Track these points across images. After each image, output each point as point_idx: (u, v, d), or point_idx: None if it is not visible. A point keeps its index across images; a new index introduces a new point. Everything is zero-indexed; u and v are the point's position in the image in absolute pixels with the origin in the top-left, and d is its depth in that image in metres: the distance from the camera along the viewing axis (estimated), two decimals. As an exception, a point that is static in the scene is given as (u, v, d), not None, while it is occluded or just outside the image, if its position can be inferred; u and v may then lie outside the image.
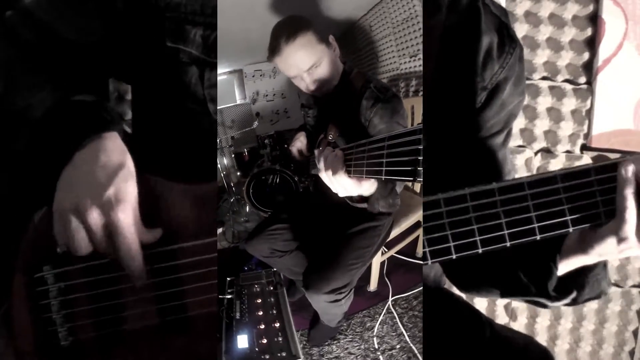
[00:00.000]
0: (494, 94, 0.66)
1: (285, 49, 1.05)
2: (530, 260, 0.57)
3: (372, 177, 0.58)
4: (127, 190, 0.51)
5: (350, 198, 0.80)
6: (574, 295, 0.56)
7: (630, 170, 0.46)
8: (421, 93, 2.17)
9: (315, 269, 1.27)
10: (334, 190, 0.74)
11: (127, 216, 0.50)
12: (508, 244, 0.46)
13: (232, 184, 2.99)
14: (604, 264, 0.55)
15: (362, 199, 0.78)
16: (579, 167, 0.46)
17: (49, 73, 0.61)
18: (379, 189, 0.75)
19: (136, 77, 0.71)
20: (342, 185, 0.70)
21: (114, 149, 0.53)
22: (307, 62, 1.06)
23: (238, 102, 4.26)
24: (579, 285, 0.55)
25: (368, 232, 1.26)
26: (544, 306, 0.59)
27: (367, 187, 0.72)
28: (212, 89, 0.66)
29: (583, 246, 0.51)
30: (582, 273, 0.55)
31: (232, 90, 4.22)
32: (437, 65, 0.65)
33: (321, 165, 0.74)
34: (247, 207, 2.80)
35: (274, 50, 1.08)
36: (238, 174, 3.40)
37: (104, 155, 0.52)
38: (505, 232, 0.46)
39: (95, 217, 0.49)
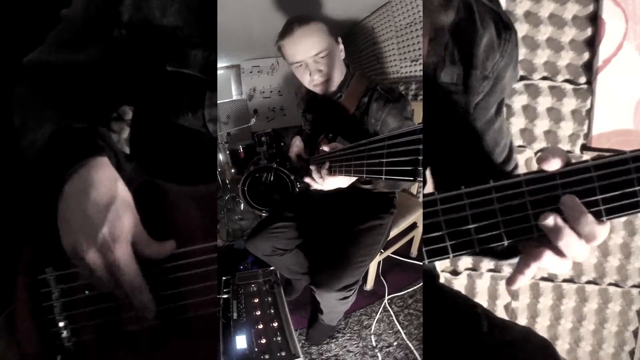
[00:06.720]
0: (496, 81, 0.67)
1: (298, 30, 1.08)
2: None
3: (372, 177, 0.58)
4: (121, 226, 0.51)
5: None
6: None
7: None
8: (421, 97, 2.17)
9: (324, 267, 1.28)
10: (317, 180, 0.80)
11: (124, 253, 0.51)
12: (505, 242, 0.46)
13: (227, 181, 2.96)
14: None
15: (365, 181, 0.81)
16: (577, 163, 0.46)
17: (54, 106, 0.62)
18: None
19: (136, 99, 0.72)
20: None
21: (103, 179, 0.52)
22: (316, 47, 1.09)
23: (234, 97, 4.24)
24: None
25: (375, 230, 1.29)
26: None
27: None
28: (212, 109, 0.66)
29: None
30: None
31: (229, 85, 4.19)
32: (438, 65, 0.65)
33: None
34: (242, 205, 2.78)
35: (285, 32, 1.10)
36: (233, 171, 3.38)
37: (93, 189, 0.51)
38: (502, 230, 0.46)
39: (93, 258, 0.50)
